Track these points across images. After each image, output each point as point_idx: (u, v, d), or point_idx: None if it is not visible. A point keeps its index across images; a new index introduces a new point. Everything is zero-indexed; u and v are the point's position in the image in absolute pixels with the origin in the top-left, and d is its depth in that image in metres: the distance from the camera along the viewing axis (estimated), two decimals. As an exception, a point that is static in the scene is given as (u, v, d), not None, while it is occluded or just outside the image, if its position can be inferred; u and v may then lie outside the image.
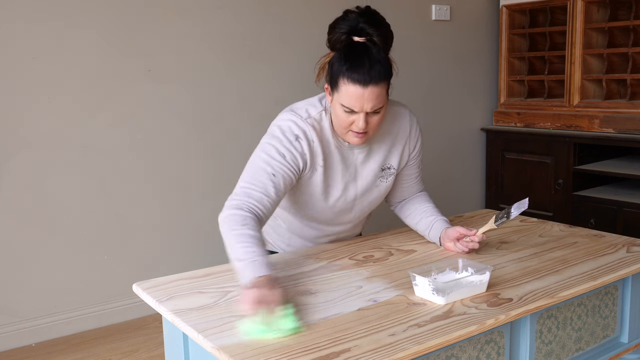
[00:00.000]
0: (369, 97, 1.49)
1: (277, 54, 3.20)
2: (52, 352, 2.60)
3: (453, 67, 3.88)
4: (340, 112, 1.53)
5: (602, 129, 3.48)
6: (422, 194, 1.86)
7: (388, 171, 1.73)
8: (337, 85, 1.51)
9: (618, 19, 3.48)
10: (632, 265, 1.54)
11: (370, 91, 1.49)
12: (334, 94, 1.54)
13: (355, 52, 1.50)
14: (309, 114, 1.61)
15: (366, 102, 1.50)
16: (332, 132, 1.63)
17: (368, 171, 1.70)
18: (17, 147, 2.58)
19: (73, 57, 2.66)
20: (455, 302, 1.32)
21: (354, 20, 1.52)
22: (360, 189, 1.71)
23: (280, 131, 1.59)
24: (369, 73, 1.48)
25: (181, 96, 2.95)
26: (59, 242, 2.71)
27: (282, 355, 1.10)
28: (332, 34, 1.54)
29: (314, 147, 1.60)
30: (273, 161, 1.55)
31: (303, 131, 1.59)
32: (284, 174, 1.55)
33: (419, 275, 1.36)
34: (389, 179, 1.74)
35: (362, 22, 1.51)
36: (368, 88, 1.48)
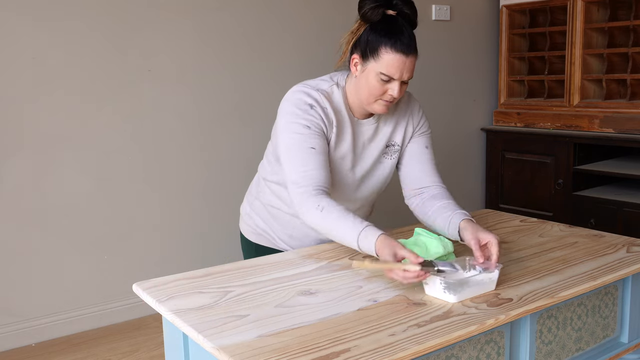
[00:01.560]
0: (409, 66, 1.56)
1: (277, 54, 3.20)
2: (52, 352, 2.60)
3: (453, 67, 3.88)
4: (375, 81, 1.57)
5: (602, 129, 3.48)
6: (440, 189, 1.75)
7: (392, 148, 1.76)
8: (377, 54, 1.55)
9: (618, 19, 3.49)
10: (632, 265, 1.54)
11: (411, 60, 1.56)
12: (370, 63, 1.57)
13: (396, 24, 1.55)
14: (319, 87, 1.66)
15: (406, 70, 1.56)
16: (344, 105, 1.67)
17: (374, 147, 1.73)
18: (17, 147, 2.58)
19: (73, 57, 2.66)
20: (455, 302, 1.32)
21: None
22: (366, 165, 1.74)
23: (294, 105, 1.62)
24: (409, 43, 1.55)
25: (181, 96, 2.95)
26: (59, 242, 2.71)
27: (282, 355, 1.10)
28: (364, 7, 1.58)
29: (328, 114, 1.64)
30: (304, 136, 1.59)
31: (314, 99, 1.63)
32: (319, 141, 1.60)
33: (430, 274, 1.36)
34: (393, 156, 1.77)
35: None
36: (409, 57, 1.55)
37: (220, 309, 1.32)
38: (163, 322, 1.47)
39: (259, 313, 1.29)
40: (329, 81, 1.69)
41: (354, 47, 1.62)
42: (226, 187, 3.10)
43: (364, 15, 1.58)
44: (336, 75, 1.71)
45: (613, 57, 3.49)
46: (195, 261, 2.94)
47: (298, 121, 1.60)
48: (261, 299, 1.37)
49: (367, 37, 1.58)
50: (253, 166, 2.07)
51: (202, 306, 1.34)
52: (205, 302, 1.36)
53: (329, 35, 3.32)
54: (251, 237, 1.90)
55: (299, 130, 1.60)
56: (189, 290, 1.44)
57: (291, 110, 1.62)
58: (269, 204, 1.83)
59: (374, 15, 1.57)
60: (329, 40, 3.33)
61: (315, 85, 1.67)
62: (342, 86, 1.68)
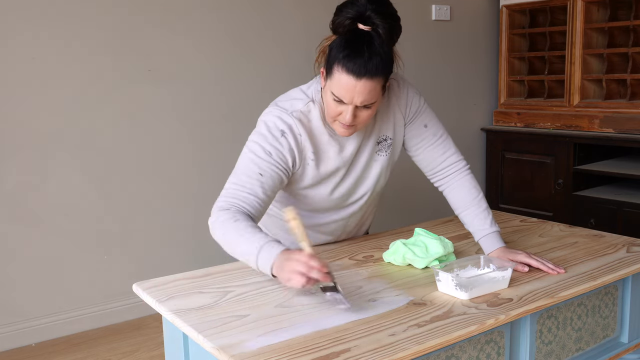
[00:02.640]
0: (360, 90, 1.42)
1: (277, 54, 3.20)
2: (52, 352, 2.60)
3: (453, 67, 3.88)
4: (330, 99, 1.47)
5: (602, 129, 3.48)
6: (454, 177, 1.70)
7: (385, 143, 1.66)
8: (332, 72, 1.45)
9: (618, 19, 3.49)
10: (632, 265, 1.54)
11: (363, 84, 1.41)
12: (327, 80, 1.48)
13: (356, 41, 1.42)
14: (295, 108, 1.56)
15: (357, 95, 1.43)
16: (323, 121, 1.57)
17: (365, 149, 1.64)
18: (17, 147, 2.58)
19: (73, 57, 2.66)
20: (455, 302, 1.33)
21: (362, 6, 1.43)
22: (358, 171, 1.65)
23: (266, 127, 1.54)
24: (365, 65, 1.40)
25: (181, 96, 2.95)
26: (59, 242, 2.71)
27: (282, 355, 1.10)
28: (337, 16, 1.46)
29: (301, 141, 1.55)
30: (259, 160, 1.50)
31: (289, 126, 1.53)
32: (271, 172, 1.50)
33: (442, 271, 1.37)
34: (387, 151, 1.67)
35: (370, 9, 1.42)
36: (361, 81, 1.41)
37: (220, 309, 1.32)
38: (163, 322, 1.47)
39: (259, 313, 1.29)
40: (303, 98, 1.58)
41: (324, 59, 1.52)
42: (226, 187, 3.10)
43: (333, 25, 1.47)
44: (310, 88, 1.60)
45: (613, 57, 3.49)
46: (195, 261, 2.94)
47: (263, 144, 1.52)
48: (261, 299, 1.37)
49: (330, 51, 1.47)
50: (253, 166, 2.06)
51: (202, 306, 1.34)
52: (205, 302, 1.36)
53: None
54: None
55: (259, 152, 1.51)
56: (189, 290, 1.44)
57: (262, 132, 1.54)
58: (268, 213, 1.77)
59: (340, 27, 1.45)
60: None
61: (289, 108, 1.55)
62: (318, 101, 1.57)
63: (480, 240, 1.63)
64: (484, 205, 1.67)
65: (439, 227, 1.95)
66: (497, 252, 1.57)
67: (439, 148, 1.70)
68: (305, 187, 1.63)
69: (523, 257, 1.52)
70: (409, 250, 1.56)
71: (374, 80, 1.42)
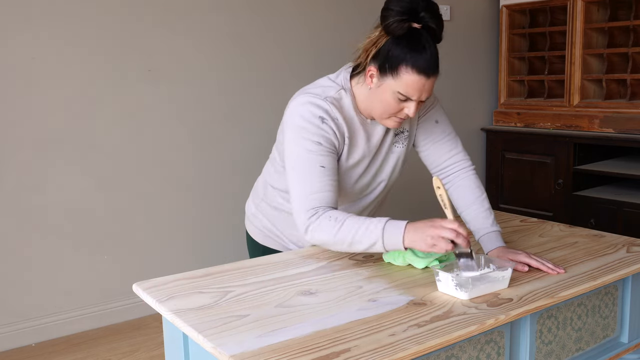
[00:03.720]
0: (428, 88, 1.50)
1: (278, 54, 3.20)
2: (52, 352, 2.60)
3: (453, 67, 3.88)
4: (392, 99, 1.50)
5: (602, 129, 3.48)
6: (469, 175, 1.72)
7: (402, 135, 1.70)
8: (397, 72, 1.47)
9: (618, 19, 3.49)
10: (632, 265, 1.54)
11: (431, 81, 1.50)
12: (388, 80, 1.49)
13: (417, 40, 1.46)
14: (327, 94, 1.57)
15: (425, 91, 1.50)
16: (355, 110, 1.59)
17: (386, 140, 1.68)
18: (18, 147, 2.58)
19: (73, 57, 2.66)
20: (455, 302, 1.33)
21: (413, 2, 1.46)
22: (379, 160, 1.69)
23: (304, 119, 1.53)
24: (433, 63, 1.48)
25: (181, 96, 2.95)
26: (59, 242, 2.71)
27: (282, 355, 1.10)
28: (388, 14, 1.46)
29: (340, 125, 1.56)
30: (314, 155, 1.51)
31: (325, 110, 1.54)
32: (330, 159, 1.53)
33: (442, 271, 1.37)
34: (403, 143, 1.70)
35: (422, 7, 1.47)
36: (430, 79, 1.49)
37: (220, 309, 1.32)
38: (163, 322, 1.47)
39: (259, 313, 1.29)
40: (334, 86, 1.59)
41: (374, 58, 1.52)
42: (226, 186, 3.10)
43: (388, 27, 1.46)
44: (339, 77, 1.62)
45: (613, 57, 3.49)
46: (196, 261, 2.94)
47: (309, 137, 1.51)
48: (261, 299, 1.37)
49: (388, 52, 1.47)
50: (253, 166, 2.08)
51: (202, 306, 1.34)
52: (205, 302, 1.36)
53: (326, 36, 3.32)
54: (258, 238, 1.86)
55: (310, 147, 1.51)
56: (189, 290, 1.44)
57: (301, 124, 1.52)
58: (278, 208, 1.77)
59: (399, 29, 1.45)
60: (326, 42, 3.33)
61: (322, 94, 1.56)
62: (349, 89, 1.59)
63: (481, 239, 1.64)
64: (486, 205, 1.68)
65: (439, 227, 1.95)
66: (497, 252, 1.57)
67: (446, 145, 1.73)
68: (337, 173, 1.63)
69: (523, 257, 1.52)
70: (409, 250, 1.56)
71: (436, 76, 1.51)
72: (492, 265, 1.44)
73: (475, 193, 1.70)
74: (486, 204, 1.68)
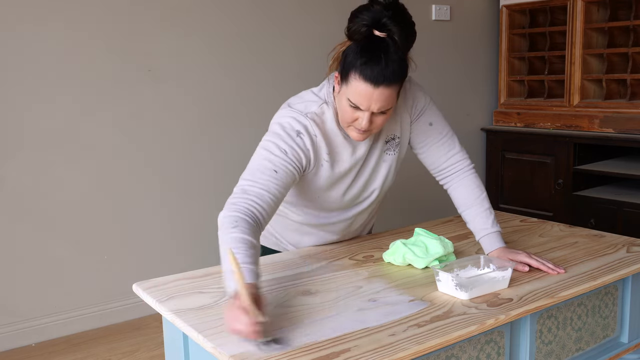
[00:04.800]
0: (377, 98, 1.43)
1: (277, 53, 3.20)
2: (52, 352, 2.60)
3: (453, 67, 3.88)
4: (346, 105, 1.48)
5: (602, 129, 3.48)
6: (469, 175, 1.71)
7: (393, 142, 1.66)
8: (348, 79, 1.44)
9: (618, 19, 3.49)
10: (632, 265, 1.54)
11: (381, 92, 1.42)
12: (342, 86, 1.48)
13: (373, 48, 1.41)
14: (309, 109, 1.56)
15: (374, 102, 1.43)
16: (336, 123, 1.57)
17: (376, 152, 1.65)
18: (17, 147, 2.58)
19: (73, 57, 2.66)
20: (455, 302, 1.33)
21: (378, 12, 1.42)
22: (369, 170, 1.66)
23: (281, 127, 1.53)
24: (382, 73, 1.40)
25: (181, 96, 2.95)
26: (59, 242, 2.71)
27: (282, 355, 1.10)
28: (352, 22, 1.44)
29: (317, 142, 1.55)
30: (274, 157, 1.49)
31: (304, 126, 1.53)
32: (286, 170, 1.49)
33: (442, 271, 1.37)
34: (395, 149, 1.67)
35: (387, 16, 1.41)
36: (379, 88, 1.42)
37: (220, 309, 1.32)
38: (163, 322, 1.47)
39: (259, 313, 1.29)
40: (317, 100, 1.58)
41: (338, 64, 1.51)
42: (226, 186, 3.09)
43: (349, 32, 1.46)
44: (322, 90, 1.60)
45: (613, 57, 3.49)
46: (195, 261, 2.94)
47: (278, 142, 1.51)
48: (261, 299, 1.37)
49: (345, 58, 1.46)
50: (253, 166, 2.06)
51: (202, 306, 1.34)
52: (205, 302, 1.36)
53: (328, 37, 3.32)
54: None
55: (273, 150, 1.50)
56: (189, 290, 1.44)
57: (277, 131, 1.53)
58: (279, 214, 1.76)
59: (357, 34, 1.43)
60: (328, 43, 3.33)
61: (304, 110, 1.55)
62: (331, 102, 1.57)
63: (481, 240, 1.64)
64: (486, 205, 1.67)
65: (438, 227, 1.95)
66: (497, 252, 1.57)
67: (444, 146, 1.71)
68: (319, 188, 1.63)
69: (523, 256, 1.52)
70: (409, 250, 1.56)
71: (390, 87, 1.43)
72: (492, 265, 1.44)
73: (474, 193, 1.69)
74: (486, 203, 1.68)
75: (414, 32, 1.47)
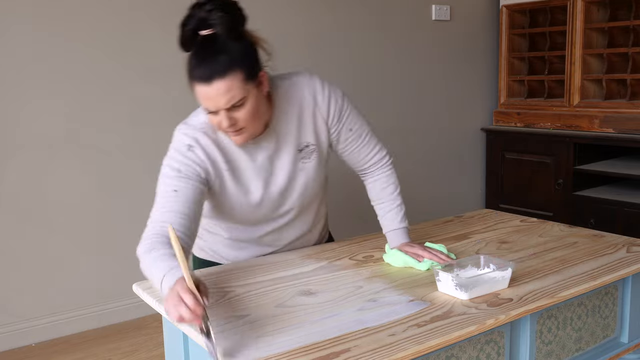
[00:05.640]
0: (217, 93, 1.35)
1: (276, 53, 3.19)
2: (52, 352, 2.60)
3: (453, 67, 3.88)
4: (206, 114, 1.44)
5: (602, 129, 3.48)
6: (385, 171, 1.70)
7: (307, 149, 1.59)
8: (192, 88, 1.40)
9: (618, 19, 3.49)
10: (632, 265, 1.54)
11: (217, 87, 1.35)
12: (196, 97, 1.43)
13: (201, 49, 1.37)
14: (200, 121, 1.51)
15: (217, 99, 1.36)
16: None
17: (284, 160, 1.57)
18: (18, 147, 2.58)
19: (72, 57, 2.66)
20: (455, 302, 1.33)
21: (198, 12, 1.38)
22: (282, 181, 1.58)
23: (173, 147, 1.51)
24: (210, 67, 1.34)
25: (181, 96, 2.94)
26: (59, 242, 2.71)
27: (282, 355, 1.10)
28: (181, 34, 1.41)
29: (210, 152, 1.50)
30: (170, 179, 1.46)
31: (194, 139, 1.49)
32: (186, 186, 1.45)
33: (442, 271, 1.37)
34: (311, 156, 1.60)
35: (205, 11, 1.36)
36: (213, 84, 1.35)
37: (220, 309, 1.32)
38: (163, 322, 1.48)
39: (259, 313, 1.29)
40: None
41: None
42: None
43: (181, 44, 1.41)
44: None
45: (613, 57, 3.49)
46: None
47: (171, 164, 1.47)
48: (261, 299, 1.37)
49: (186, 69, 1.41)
50: (253, 166, 2.06)
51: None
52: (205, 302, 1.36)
53: (329, 36, 3.32)
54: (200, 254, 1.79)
55: (169, 172, 1.47)
56: (189, 290, 1.44)
57: (170, 153, 1.50)
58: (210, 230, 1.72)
59: (187, 43, 1.40)
60: (329, 42, 3.33)
61: (196, 123, 1.51)
62: None
63: (388, 234, 1.69)
64: (398, 202, 1.71)
65: (439, 227, 1.95)
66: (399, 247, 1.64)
67: (365, 148, 1.68)
68: (232, 201, 1.56)
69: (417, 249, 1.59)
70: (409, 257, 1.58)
71: (227, 78, 1.35)
72: (492, 265, 1.44)
73: (389, 189, 1.71)
74: (398, 200, 1.71)
75: (240, 14, 1.40)
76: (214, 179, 1.51)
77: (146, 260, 1.38)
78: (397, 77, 3.63)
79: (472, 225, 1.95)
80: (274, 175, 1.58)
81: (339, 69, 3.36)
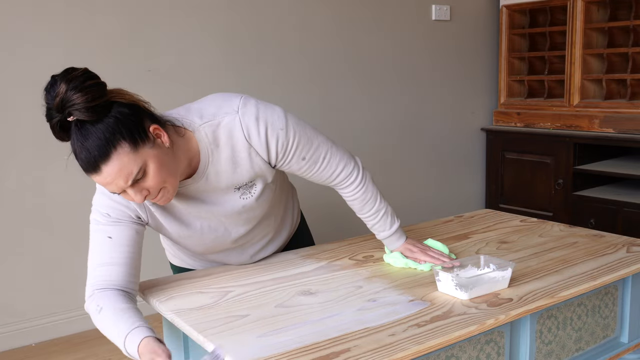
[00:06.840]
0: (112, 178, 1.23)
1: (277, 53, 3.20)
2: (52, 352, 2.60)
3: (453, 67, 3.88)
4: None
5: (602, 129, 3.48)
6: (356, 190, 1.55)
7: (246, 186, 1.45)
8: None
9: (618, 19, 3.49)
10: (632, 265, 1.54)
11: (108, 172, 1.23)
12: None
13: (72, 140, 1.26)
14: None
15: (115, 182, 1.24)
16: None
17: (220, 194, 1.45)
18: (18, 147, 2.58)
19: (73, 57, 2.66)
20: (455, 302, 1.33)
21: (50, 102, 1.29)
22: (223, 212, 1.46)
23: (98, 191, 1.42)
24: (90, 155, 1.23)
25: (181, 96, 2.95)
26: (59, 242, 2.71)
27: (282, 355, 1.10)
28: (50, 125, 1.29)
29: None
30: (102, 226, 1.38)
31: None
32: (120, 228, 1.38)
33: (442, 271, 1.37)
34: (252, 190, 1.46)
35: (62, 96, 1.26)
36: (103, 171, 1.23)
37: (220, 309, 1.32)
38: (163, 322, 1.48)
39: (259, 313, 1.29)
40: None
41: None
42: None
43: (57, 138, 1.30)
44: None
45: (613, 57, 3.49)
46: (195, 261, 2.94)
47: (99, 209, 1.39)
48: (261, 299, 1.37)
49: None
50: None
51: (202, 306, 1.34)
52: (205, 302, 1.36)
53: (331, 37, 3.32)
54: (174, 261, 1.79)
55: (99, 219, 1.38)
56: (189, 290, 1.44)
57: (95, 196, 1.41)
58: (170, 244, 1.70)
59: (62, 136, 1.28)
60: (332, 42, 3.33)
61: None
62: None
63: (383, 240, 1.64)
64: (382, 212, 1.58)
65: (439, 227, 1.95)
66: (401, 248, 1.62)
67: (326, 171, 1.51)
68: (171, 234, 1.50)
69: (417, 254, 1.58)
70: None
71: (113, 159, 1.23)
72: (492, 265, 1.45)
73: (367, 207, 1.58)
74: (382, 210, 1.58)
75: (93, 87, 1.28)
76: (145, 216, 1.43)
77: (100, 322, 1.34)
78: (397, 77, 3.63)
79: (472, 225, 1.95)
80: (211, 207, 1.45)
81: (338, 69, 3.36)
